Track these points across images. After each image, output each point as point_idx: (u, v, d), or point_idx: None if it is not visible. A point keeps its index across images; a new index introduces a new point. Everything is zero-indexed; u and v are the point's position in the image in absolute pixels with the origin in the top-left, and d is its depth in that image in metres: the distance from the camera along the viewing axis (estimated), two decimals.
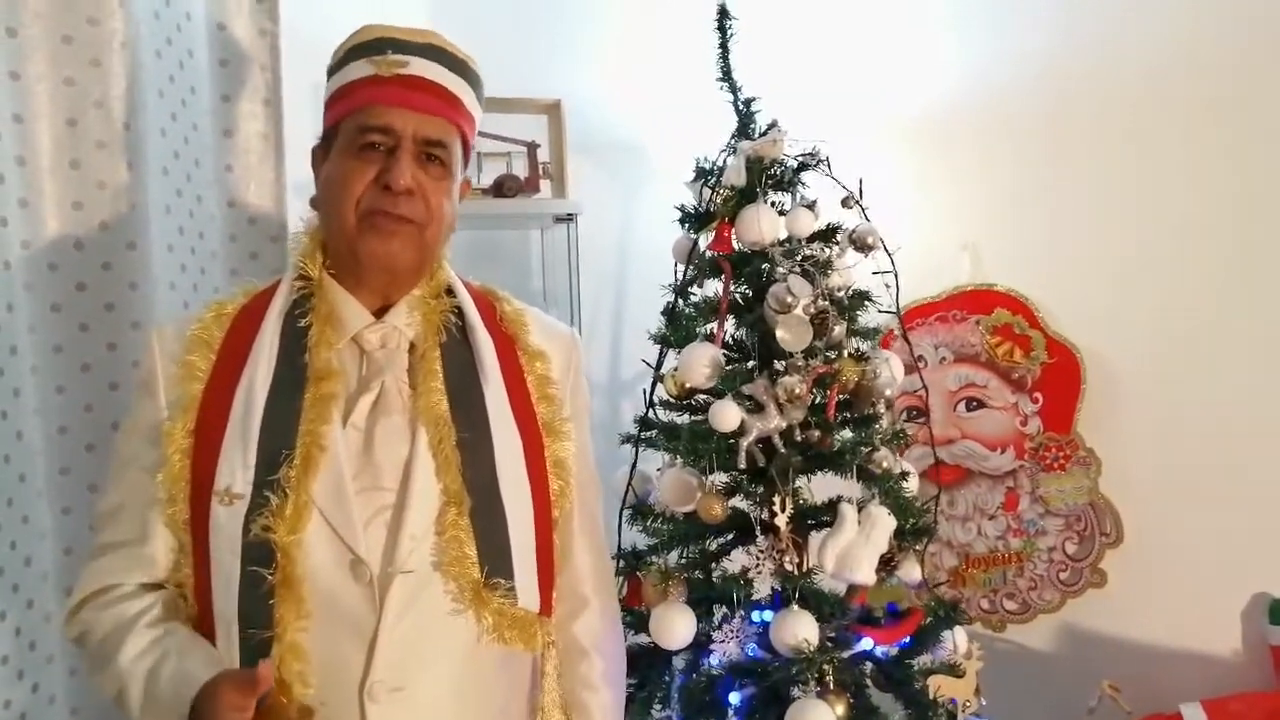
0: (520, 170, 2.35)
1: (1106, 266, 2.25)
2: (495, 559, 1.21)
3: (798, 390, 1.36)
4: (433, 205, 1.25)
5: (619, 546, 1.60)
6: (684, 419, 1.56)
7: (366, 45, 1.28)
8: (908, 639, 1.49)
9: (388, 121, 1.23)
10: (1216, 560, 2.13)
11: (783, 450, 1.41)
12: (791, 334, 1.39)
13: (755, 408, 1.40)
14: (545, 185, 2.41)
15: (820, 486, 1.59)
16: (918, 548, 1.48)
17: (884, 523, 1.37)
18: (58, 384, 1.70)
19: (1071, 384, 2.24)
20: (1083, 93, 2.26)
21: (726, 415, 1.38)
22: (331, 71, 1.33)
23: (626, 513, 1.60)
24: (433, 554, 1.19)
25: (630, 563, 1.55)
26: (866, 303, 1.55)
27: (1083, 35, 2.25)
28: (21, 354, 1.64)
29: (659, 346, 1.57)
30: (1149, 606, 2.20)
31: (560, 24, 2.57)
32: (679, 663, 1.53)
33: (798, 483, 1.56)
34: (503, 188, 2.29)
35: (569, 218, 2.36)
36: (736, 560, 1.55)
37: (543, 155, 2.38)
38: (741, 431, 1.38)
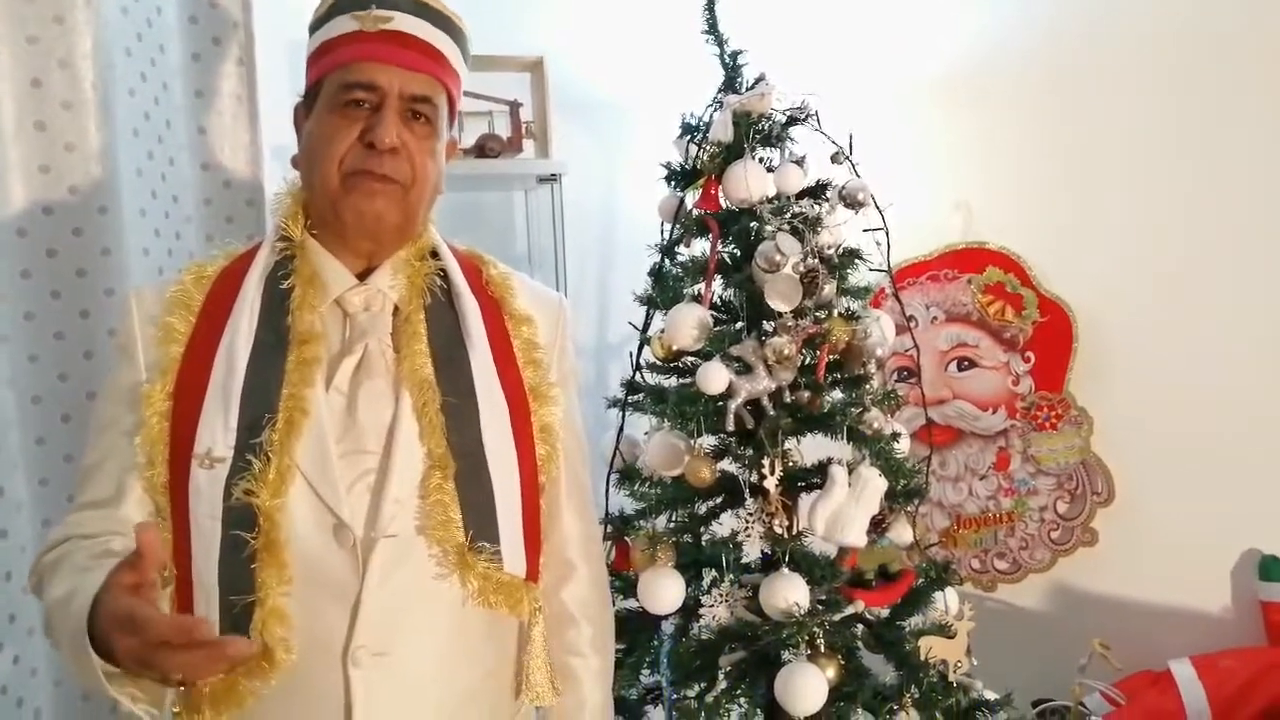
0: (502, 130, 2.30)
1: (1099, 224, 2.22)
2: (480, 523, 1.19)
3: (787, 351, 1.33)
4: (418, 165, 1.22)
5: (606, 511, 1.58)
6: (671, 381, 1.53)
7: (350, 1, 1.23)
8: (898, 601, 1.48)
9: (372, 78, 1.19)
10: (1207, 518, 2.12)
11: (772, 412, 1.39)
12: (780, 294, 1.36)
13: (744, 369, 1.37)
14: (529, 145, 2.36)
15: (811, 448, 1.57)
16: (909, 509, 1.46)
17: (875, 484, 1.35)
18: (30, 353, 1.66)
19: (1063, 343, 2.21)
20: (1078, 52, 2.21)
21: (714, 377, 1.35)
22: (314, 27, 1.29)
23: (614, 477, 1.58)
24: (417, 518, 1.17)
25: (618, 527, 1.53)
26: (857, 261, 1.51)
27: None
28: None
29: (645, 308, 1.53)
30: (1140, 564, 2.20)
31: None
32: (668, 627, 1.52)
33: (788, 445, 1.55)
34: (485, 148, 2.24)
35: (553, 178, 2.31)
36: (726, 524, 1.53)
37: (525, 114, 2.32)
38: (730, 393, 1.35)
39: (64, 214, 1.67)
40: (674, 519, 1.58)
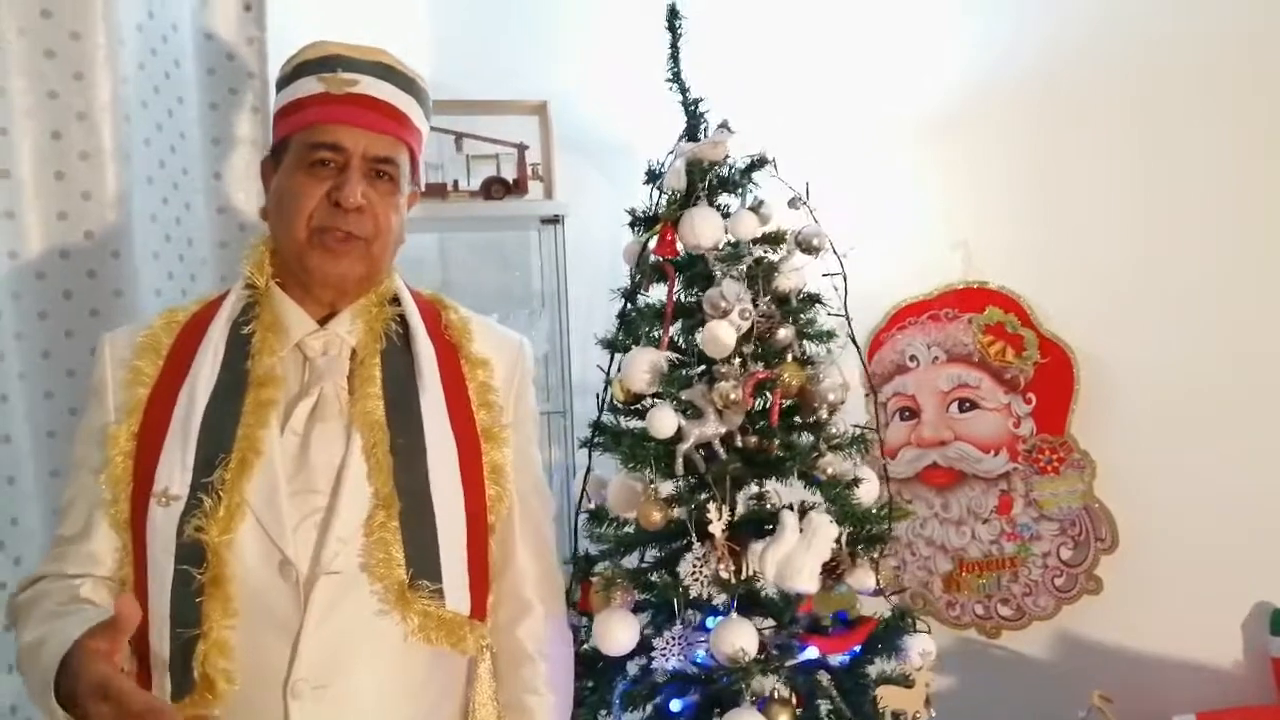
0: (509, 172, 2.36)
1: (1100, 264, 2.17)
2: (422, 561, 1.23)
3: (733, 396, 1.34)
4: (381, 221, 1.29)
5: (574, 551, 1.60)
6: (635, 424, 1.55)
7: (317, 62, 1.30)
8: (858, 648, 1.46)
9: (338, 139, 1.26)
10: (1215, 568, 2.04)
11: (724, 456, 1.40)
12: (714, 339, 1.38)
13: (697, 413, 1.39)
14: (537, 187, 2.41)
15: (785, 493, 1.57)
16: (873, 555, 1.45)
17: (825, 530, 1.35)
18: (45, 389, 1.76)
19: (1065, 384, 2.16)
20: (1076, 90, 2.19)
21: (663, 421, 1.37)
22: (280, 85, 1.36)
23: (583, 518, 1.60)
24: (360, 555, 1.21)
25: (583, 568, 1.55)
26: (818, 305, 1.52)
27: (1078, 32, 2.18)
28: (9, 360, 1.71)
29: (609, 351, 1.56)
30: (1146, 615, 2.12)
31: (548, 25, 2.57)
32: (633, 668, 1.53)
33: (761, 488, 1.55)
34: (489, 190, 2.30)
35: (556, 219, 2.36)
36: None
37: (532, 156, 2.38)
38: (679, 437, 1.37)
39: (79, 258, 1.77)
40: (645, 559, 1.60)
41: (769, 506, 1.53)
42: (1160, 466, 2.11)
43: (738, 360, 1.39)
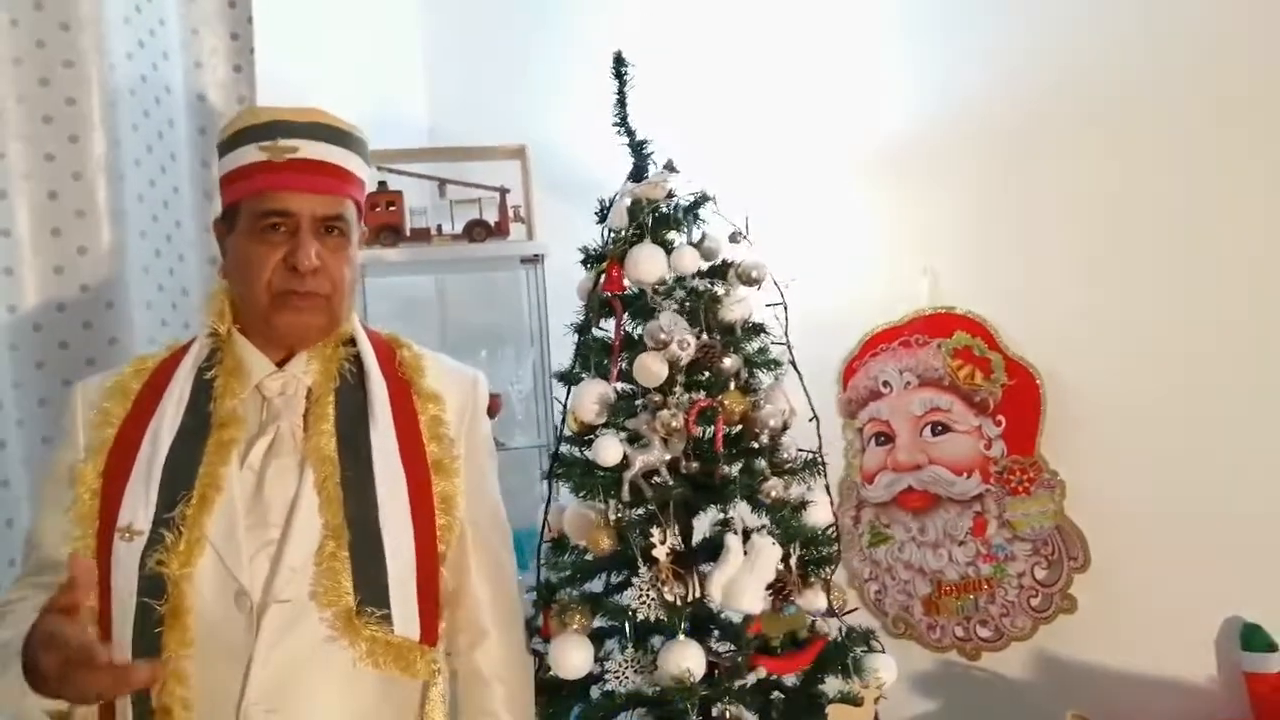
0: (491, 215, 2.44)
1: (1064, 286, 2.20)
2: (370, 589, 1.28)
3: (674, 424, 1.40)
4: (335, 276, 1.36)
5: (538, 578, 1.65)
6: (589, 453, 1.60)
7: (256, 129, 1.36)
8: (808, 668, 1.49)
9: (286, 205, 1.32)
10: (1186, 584, 2.03)
11: (670, 483, 1.44)
12: (644, 369, 1.43)
13: (645, 442, 1.44)
14: (520, 229, 2.49)
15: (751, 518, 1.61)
16: (823, 576, 1.49)
17: (768, 553, 1.39)
18: (43, 434, 1.85)
19: (1032, 406, 2.18)
20: (1037, 115, 2.22)
21: (608, 450, 1.43)
22: (222, 150, 1.42)
23: (544, 547, 1.65)
24: (310, 584, 1.27)
25: (544, 595, 1.60)
26: (764, 335, 1.57)
27: (1038, 60, 2.22)
28: (8, 408, 1.80)
29: (565, 384, 1.62)
30: (1120, 633, 2.12)
31: (528, 76, 2.67)
32: (595, 692, 1.57)
33: (725, 513, 1.60)
34: (472, 233, 2.39)
35: (535, 259, 2.44)
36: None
37: (514, 200, 2.47)
38: (624, 465, 1.42)
39: (75, 310, 1.87)
40: (608, 584, 1.64)
41: (734, 531, 1.57)
42: (1128, 485, 2.11)
43: (679, 389, 1.44)
